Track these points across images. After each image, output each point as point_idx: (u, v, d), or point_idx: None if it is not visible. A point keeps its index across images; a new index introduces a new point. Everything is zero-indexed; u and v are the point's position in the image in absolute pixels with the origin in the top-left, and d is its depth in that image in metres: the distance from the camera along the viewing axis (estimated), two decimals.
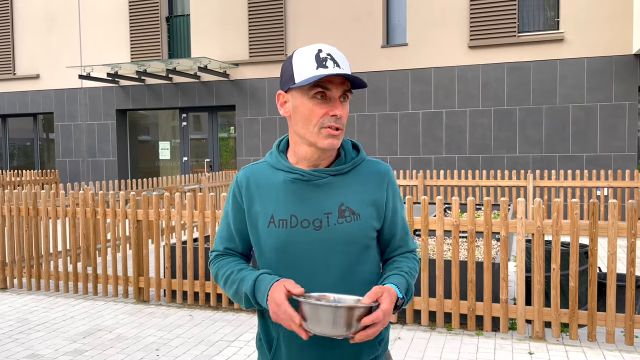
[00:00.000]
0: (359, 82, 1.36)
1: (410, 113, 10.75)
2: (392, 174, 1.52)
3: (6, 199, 5.79)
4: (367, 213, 1.43)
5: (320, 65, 1.33)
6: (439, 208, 4.43)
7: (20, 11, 13.94)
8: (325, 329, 1.21)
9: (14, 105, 14.10)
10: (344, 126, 1.39)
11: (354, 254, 1.42)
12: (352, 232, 1.40)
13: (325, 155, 1.42)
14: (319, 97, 1.35)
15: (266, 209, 1.42)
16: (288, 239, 1.40)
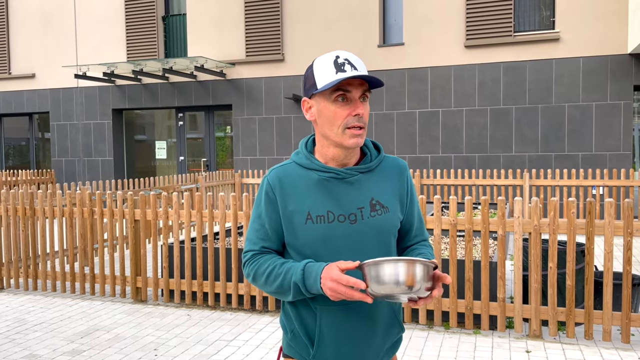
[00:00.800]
0: (376, 82, 1.44)
1: (407, 112, 10.77)
2: (408, 169, 1.67)
3: (2, 199, 5.77)
4: (394, 206, 1.57)
5: (339, 69, 1.43)
6: (436, 207, 4.44)
7: (15, 10, 13.89)
8: (388, 288, 1.29)
9: (9, 104, 14.05)
10: (366, 125, 1.48)
11: (385, 243, 1.55)
12: (383, 224, 1.53)
13: (351, 154, 1.53)
14: (341, 99, 1.45)
15: (302, 206, 1.51)
16: (326, 233, 1.49)
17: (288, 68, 11.45)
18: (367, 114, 1.50)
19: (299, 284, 1.44)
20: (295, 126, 11.45)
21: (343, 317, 1.51)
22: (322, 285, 1.38)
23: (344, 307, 1.50)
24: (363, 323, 1.52)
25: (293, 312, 1.58)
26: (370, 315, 1.54)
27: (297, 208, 1.51)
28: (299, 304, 1.56)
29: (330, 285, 1.36)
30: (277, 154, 11.56)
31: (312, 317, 1.54)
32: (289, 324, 1.60)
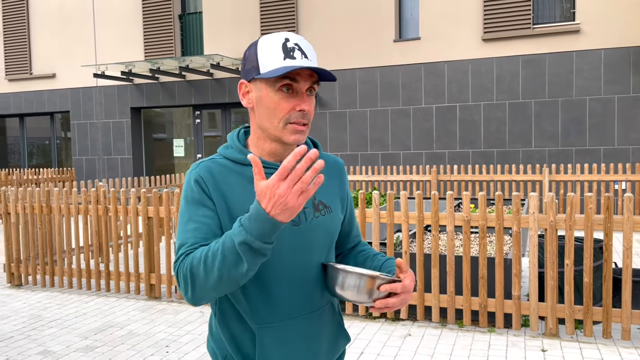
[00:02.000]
0: (328, 76, 1.28)
1: (424, 108, 10.65)
2: (345, 167, 1.57)
3: (20, 197, 5.86)
4: (336, 206, 1.45)
5: (288, 56, 1.25)
6: (449, 203, 4.37)
7: (35, 12, 14.10)
8: (350, 295, 1.28)
9: (31, 104, 14.28)
10: (309, 121, 1.33)
11: (328, 248, 1.43)
12: (327, 226, 1.41)
13: (290, 149, 1.36)
14: (286, 90, 1.27)
15: (239, 206, 1.30)
16: None
17: None
18: (313, 109, 1.32)
19: (246, 240, 1.10)
20: (312, 122, 11.41)
21: (286, 333, 1.34)
22: (267, 209, 1.07)
23: (288, 321, 1.34)
24: (309, 339, 1.37)
25: (225, 334, 1.36)
26: (317, 330, 1.39)
27: (234, 207, 1.30)
28: (231, 323, 1.36)
29: (267, 193, 1.06)
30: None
31: (249, 337, 1.34)
32: (221, 350, 1.39)
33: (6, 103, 14.53)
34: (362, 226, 4.61)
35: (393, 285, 1.23)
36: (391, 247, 4.54)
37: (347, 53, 11.09)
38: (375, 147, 11.01)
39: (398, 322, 4.54)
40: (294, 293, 1.35)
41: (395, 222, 4.55)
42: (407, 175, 9.70)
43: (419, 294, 4.47)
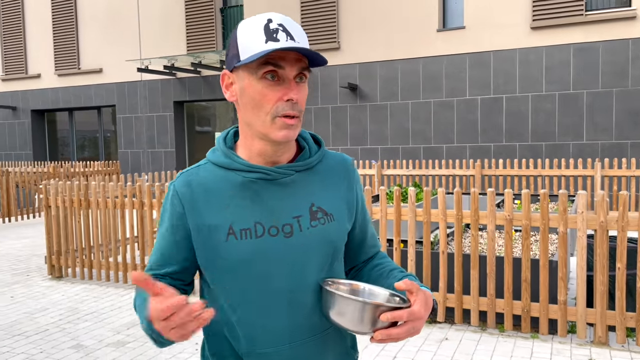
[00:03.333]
0: (318, 59, 1.11)
1: (468, 99, 10.28)
2: (355, 167, 1.33)
3: (60, 190, 5.96)
4: (341, 212, 1.24)
5: (271, 38, 1.08)
6: (490, 200, 4.12)
7: (83, 8, 14.44)
8: (345, 322, 1.08)
9: (79, 98, 14.68)
10: (301, 113, 1.14)
11: (328, 262, 1.22)
12: (327, 236, 1.20)
13: (283, 149, 1.18)
14: (270, 77, 1.10)
15: (222, 218, 1.15)
16: (254, 251, 1.14)
17: (344, 56, 11.23)
18: (304, 99, 1.14)
19: (142, 327, 1.04)
20: (351, 115, 11.22)
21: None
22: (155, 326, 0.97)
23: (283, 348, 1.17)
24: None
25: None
26: (319, 357, 1.22)
27: (214, 221, 1.15)
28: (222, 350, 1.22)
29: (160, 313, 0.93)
30: (332, 144, 11.40)
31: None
32: None
33: (56, 97, 14.99)
34: (397, 224, 4.42)
35: (396, 313, 1.04)
36: (428, 246, 4.34)
37: (389, 44, 10.83)
38: (417, 140, 10.73)
39: (434, 325, 4.34)
40: (289, 315, 1.18)
41: (433, 221, 4.34)
42: (449, 170, 9.40)
43: (456, 295, 4.25)
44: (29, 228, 9.91)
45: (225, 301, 1.19)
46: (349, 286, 1.21)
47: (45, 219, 6.08)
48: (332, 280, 1.20)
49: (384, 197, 4.45)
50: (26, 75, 15.30)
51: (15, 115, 15.68)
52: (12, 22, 15.51)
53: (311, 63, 1.14)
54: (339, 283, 1.20)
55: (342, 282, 1.21)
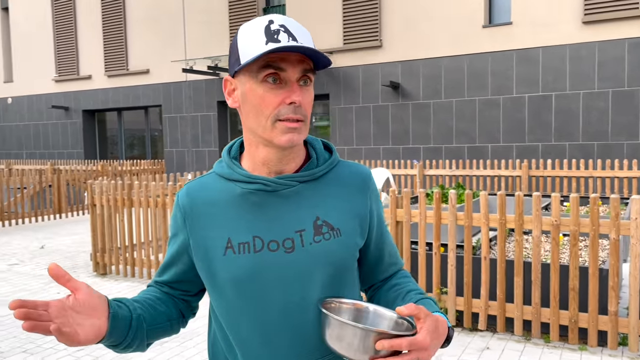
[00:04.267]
0: (322, 60, 1.05)
1: (515, 97, 9.95)
2: (372, 179, 1.23)
3: (104, 190, 6.10)
4: (349, 227, 1.14)
5: (271, 39, 1.03)
6: (535, 204, 3.94)
7: (131, 10, 14.81)
8: (341, 348, 0.99)
9: (127, 98, 15.08)
10: (306, 117, 1.08)
11: (334, 281, 1.12)
12: (332, 253, 1.11)
13: (288, 157, 1.12)
14: (271, 80, 1.05)
15: (220, 232, 1.12)
16: (252, 267, 1.09)
17: (386, 54, 11.08)
18: (310, 103, 1.09)
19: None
20: (393, 114, 11.07)
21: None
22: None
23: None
24: None
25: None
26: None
27: (212, 234, 1.12)
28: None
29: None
30: (374, 143, 11.27)
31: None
32: None
33: (106, 98, 15.45)
34: (436, 227, 4.29)
35: (394, 341, 0.93)
36: (469, 251, 4.19)
37: (432, 41, 10.61)
38: (461, 139, 10.47)
39: (475, 332, 4.19)
40: (289, 337, 1.10)
41: (475, 225, 4.19)
42: (494, 171, 9.12)
43: (499, 303, 4.09)
44: (79, 225, 10.24)
45: (223, 319, 1.14)
46: (352, 306, 1.12)
47: (90, 217, 6.25)
48: (334, 300, 1.11)
49: (422, 199, 4.33)
50: (78, 77, 15.83)
51: (68, 115, 16.26)
52: (65, 26, 16.08)
53: (316, 66, 1.08)
54: (341, 303, 1.11)
55: (346, 302, 1.12)
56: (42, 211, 10.66)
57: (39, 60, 16.80)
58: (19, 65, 17.41)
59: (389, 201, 4.51)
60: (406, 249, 4.44)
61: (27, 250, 7.90)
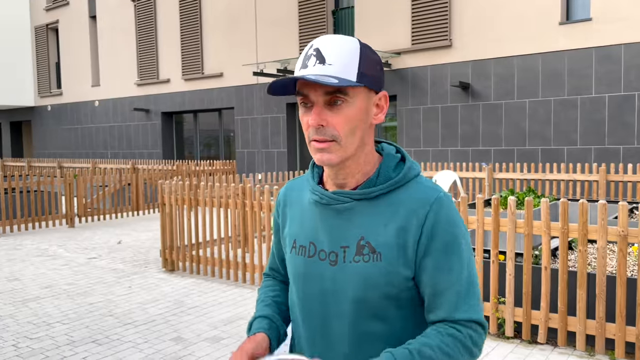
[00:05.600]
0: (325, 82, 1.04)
1: (594, 97, 9.41)
2: (441, 206, 1.11)
3: (173, 190, 6.40)
4: (392, 254, 1.10)
5: (303, 65, 1.10)
6: (601, 213, 3.72)
7: (207, 17, 15.40)
8: None
9: (202, 101, 15.69)
10: (336, 137, 1.10)
11: (370, 306, 1.11)
12: (367, 276, 1.10)
13: (344, 173, 1.15)
14: (304, 104, 1.12)
15: (293, 231, 1.25)
16: (305, 270, 1.20)
17: (455, 54, 10.82)
18: (340, 122, 1.09)
19: None
20: (462, 115, 10.79)
21: None
22: None
23: None
24: None
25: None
26: None
27: (289, 231, 1.26)
28: None
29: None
30: (441, 145, 11.04)
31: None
32: None
33: (182, 100, 16.16)
34: (494, 235, 4.16)
35: None
36: (529, 260, 4.03)
37: (505, 39, 10.25)
38: (535, 141, 10.04)
39: (534, 345, 4.02)
40: (321, 344, 1.18)
41: (535, 233, 4.02)
42: (569, 175, 8.67)
43: (560, 316, 3.90)
44: (154, 222, 10.79)
45: (290, 301, 1.31)
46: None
47: (160, 215, 6.57)
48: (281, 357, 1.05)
49: (480, 205, 4.21)
50: (157, 80, 16.67)
51: (148, 117, 17.15)
52: (146, 33, 16.98)
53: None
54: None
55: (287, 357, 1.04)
56: (121, 208, 11.32)
57: (123, 66, 17.84)
58: (104, 71, 18.59)
59: None
60: None
61: (106, 245, 8.43)
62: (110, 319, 4.82)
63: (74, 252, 7.87)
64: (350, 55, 1.09)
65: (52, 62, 21.14)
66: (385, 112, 1.18)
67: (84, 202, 10.67)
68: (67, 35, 20.10)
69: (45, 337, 4.42)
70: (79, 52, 19.61)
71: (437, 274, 1.10)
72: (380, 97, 1.16)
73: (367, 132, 1.15)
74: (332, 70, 1.07)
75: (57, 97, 20.65)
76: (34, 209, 9.93)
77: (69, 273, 6.59)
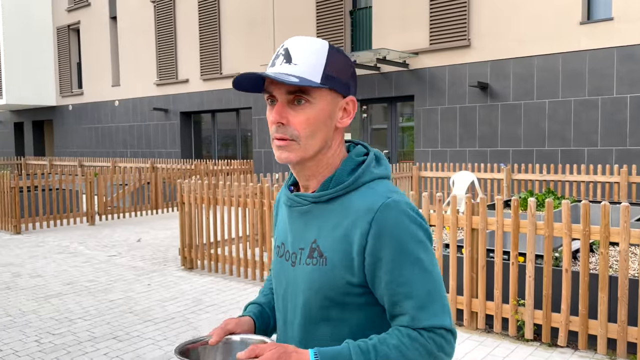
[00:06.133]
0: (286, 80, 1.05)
1: (615, 98, 9.28)
2: (387, 212, 1.05)
3: (192, 189, 6.46)
4: (337, 259, 1.08)
5: (271, 64, 1.12)
6: (624, 215, 3.68)
7: (225, 18, 15.50)
8: None
9: (220, 101, 15.80)
10: (296, 136, 1.09)
11: (315, 308, 1.12)
12: (312, 280, 1.11)
13: (306, 174, 1.15)
14: (270, 101, 1.13)
15: (276, 230, 1.29)
16: (276, 269, 1.25)
17: (474, 54, 10.75)
18: (301, 122, 1.08)
19: None
20: (481, 116, 10.71)
21: None
22: None
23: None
24: None
25: None
26: None
27: (275, 230, 1.30)
28: None
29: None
30: (459, 145, 10.98)
31: None
32: None
33: (201, 100, 16.28)
34: (514, 236, 4.13)
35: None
36: (549, 262, 3.99)
37: (524, 39, 10.15)
38: (554, 142, 9.93)
39: (555, 348, 3.99)
40: (283, 336, 1.24)
41: (556, 235, 3.98)
42: (590, 176, 8.56)
43: (581, 319, 3.86)
44: (173, 220, 10.90)
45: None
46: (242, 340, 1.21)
47: (179, 214, 6.64)
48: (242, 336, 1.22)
49: (500, 206, 4.18)
50: (176, 81, 16.82)
51: (167, 117, 17.32)
52: (165, 34, 17.14)
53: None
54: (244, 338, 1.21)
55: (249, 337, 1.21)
56: (140, 206, 11.45)
57: (142, 66, 18.04)
58: (124, 71, 18.81)
59: (465, 207, 4.40)
60: (482, 257, 4.31)
61: (126, 242, 8.54)
62: (130, 316, 4.89)
63: (95, 250, 7.98)
64: (316, 56, 1.09)
65: (73, 62, 21.45)
66: (352, 117, 1.15)
67: (104, 200, 10.82)
68: (88, 36, 20.39)
69: (67, 332, 4.49)
70: (99, 53, 19.87)
71: (391, 287, 1.05)
72: (347, 101, 1.14)
73: (331, 135, 1.13)
74: (297, 70, 1.07)
75: (78, 97, 20.94)
76: (55, 207, 10.10)
77: (89, 270, 6.69)
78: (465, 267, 4.38)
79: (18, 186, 9.52)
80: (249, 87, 1.12)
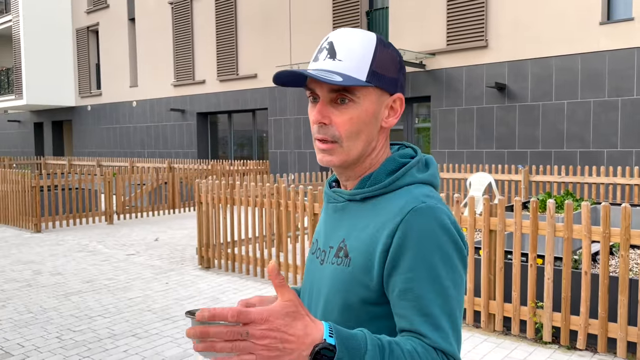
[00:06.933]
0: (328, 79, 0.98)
1: (636, 99, 9.16)
2: (417, 217, 0.97)
3: (210, 189, 6.51)
4: (359, 261, 1.02)
5: (315, 58, 1.06)
6: None
7: (241, 19, 15.59)
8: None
9: (237, 102, 15.89)
10: (337, 138, 1.03)
11: (335, 312, 1.05)
12: (335, 280, 1.05)
13: (347, 174, 1.10)
14: (312, 99, 1.06)
15: (317, 226, 1.24)
16: (307, 264, 1.20)
17: (491, 54, 10.68)
18: (344, 123, 1.02)
19: None
20: (498, 117, 10.64)
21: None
22: None
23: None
24: None
25: None
26: None
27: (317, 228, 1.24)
28: None
29: None
30: (476, 147, 10.91)
31: None
32: None
33: (217, 101, 16.40)
34: (533, 238, 4.10)
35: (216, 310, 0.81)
36: (568, 265, 3.96)
37: (543, 39, 10.06)
38: (573, 144, 9.82)
39: (573, 351, 3.95)
40: None
41: (575, 237, 3.95)
42: (609, 178, 8.45)
43: (600, 322, 3.82)
44: (190, 220, 10.99)
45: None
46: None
47: (197, 213, 6.70)
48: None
49: (518, 208, 4.16)
50: (193, 82, 16.96)
51: (184, 117, 17.47)
52: (183, 35, 17.29)
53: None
54: None
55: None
56: (158, 206, 11.57)
57: (160, 67, 18.22)
58: (142, 72, 19.01)
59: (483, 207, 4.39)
60: (499, 259, 4.29)
61: (144, 242, 8.63)
62: (148, 314, 4.95)
63: (113, 249, 8.09)
64: (363, 51, 1.02)
65: (92, 63, 21.74)
66: (399, 116, 1.08)
67: (122, 199, 10.95)
68: (107, 38, 20.64)
69: (88, 329, 4.56)
70: (118, 54, 20.11)
71: (404, 298, 0.96)
72: (394, 99, 1.07)
73: (375, 135, 1.07)
74: (341, 66, 1.01)
75: (97, 98, 21.21)
76: (75, 206, 10.25)
77: (108, 268, 6.79)
78: (483, 268, 4.36)
79: (38, 185, 9.68)
80: (290, 82, 1.05)
